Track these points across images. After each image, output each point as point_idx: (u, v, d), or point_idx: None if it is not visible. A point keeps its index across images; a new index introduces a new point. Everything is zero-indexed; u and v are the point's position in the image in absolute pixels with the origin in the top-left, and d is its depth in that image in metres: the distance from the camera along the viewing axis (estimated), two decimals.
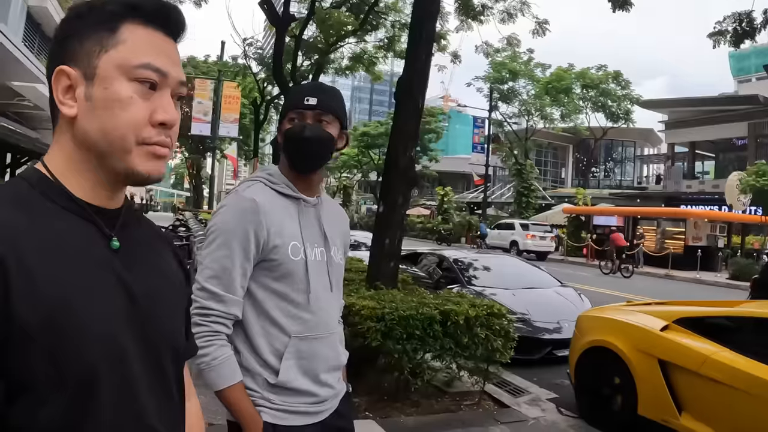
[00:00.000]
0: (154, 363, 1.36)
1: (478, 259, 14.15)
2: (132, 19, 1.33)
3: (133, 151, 1.30)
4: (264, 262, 2.49)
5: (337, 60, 29.09)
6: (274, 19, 20.38)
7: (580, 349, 7.69)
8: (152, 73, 1.31)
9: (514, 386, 8.68)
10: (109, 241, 1.34)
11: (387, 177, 8.74)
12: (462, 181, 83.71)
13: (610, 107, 59.94)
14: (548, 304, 11.76)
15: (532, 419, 7.40)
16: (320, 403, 2.59)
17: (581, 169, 75.92)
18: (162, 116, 1.31)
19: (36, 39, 30.02)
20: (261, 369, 2.49)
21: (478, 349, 7.09)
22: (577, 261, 38.89)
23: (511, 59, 55.79)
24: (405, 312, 6.73)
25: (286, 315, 2.51)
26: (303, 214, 2.62)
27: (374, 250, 8.66)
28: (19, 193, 1.28)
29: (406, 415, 7.22)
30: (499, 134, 62.48)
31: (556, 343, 10.60)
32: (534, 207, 55.78)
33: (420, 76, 8.87)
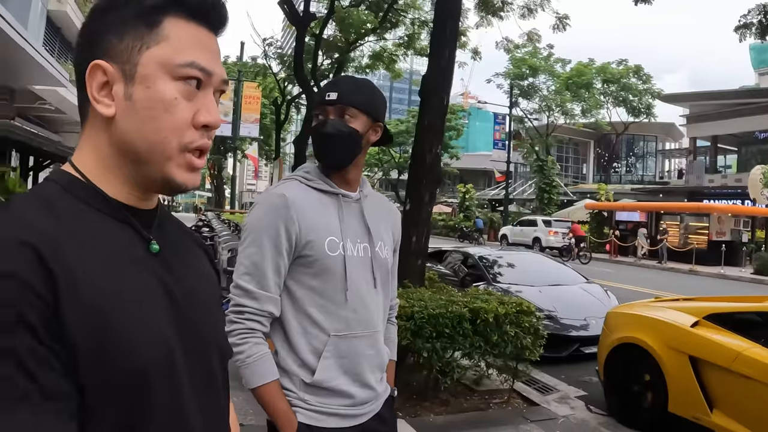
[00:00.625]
0: (201, 364, 1.33)
1: (503, 256, 14.10)
2: (174, 13, 1.25)
3: (174, 158, 1.23)
4: (300, 258, 2.47)
5: (357, 58, 29.12)
6: (294, 18, 20.45)
7: (609, 346, 7.64)
8: (198, 72, 1.24)
9: (542, 384, 8.66)
10: (147, 244, 1.29)
11: (413, 175, 8.74)
12: (483, 178, 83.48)
13: (631, 102, 59.57)
14: (574, 300, 11.71)
15: (562, 417, 7.38)
16: (359, 405, 2.54)
17: (603, 165, 75.53)
18: (206, 117, 1.25)
19: (56, 43, 30.22)
20: (298, 369, 2.47)
21: (508, 347, 7.07)
22: (600, 257, 38.67)
23: (531, 55, 55.55)
24: (434, 310, 6.71)
25: (325, 312, 2.48)
26: (343, 209, 2.58)
27: (401, 248, 8.65)
28: (51, 198, 1.20)
29: (435, 413, 7.22)
30: (520, 130, 62.23)
31: (584, 340, 10.56)
32: (556, 203, 55.64)
33: (444, 74, 8.87)
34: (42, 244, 1.06)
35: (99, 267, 1.14)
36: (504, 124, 59.43)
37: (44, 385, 0.99)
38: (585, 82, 57.84)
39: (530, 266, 13.78)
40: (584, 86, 57.98)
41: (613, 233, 39.43)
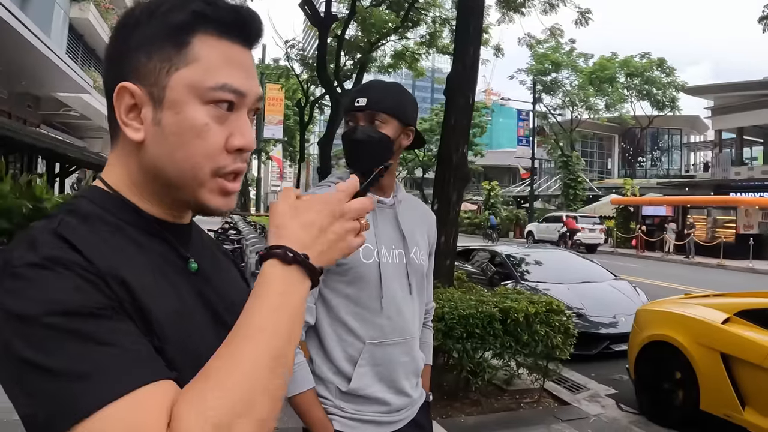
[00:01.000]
0: None
1: (530, 254, 14.07)
2: (204, 30, 1.18)
3: (207, 184, 1.19)
4: (334, 266, 2.40)
5: (380, 58, 29.11)
6: (315, 20, 20.48)
7: (639, 344, 7.61)
8: (230, 95, 1.17)
9: (572, 382, 8.63)
10: (186, 262, 1.28)
11: (440, 175, 8.72)
12: (508, 175, 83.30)
13: (655, 95, 59.11)
14: (603, 298, 11.66)
15: (593, 416, 7.35)
16: (394, 412, 2.55)
17: (628, 159, 75.13)
18: (239, 141, 1.19)
19: (79, 50, 30.45)
20: (334, 377, 2.47)
21: (538, 347, 7.06)
22: (628, 252, 38.46)
23: (554, 50, 55.32)
24: (464, 311, 6.71)
25: (360, 320, 2.48)
26: (378, 215, 2.57)
27: None
28: (87, 215, 1.16)
29: (466, 414, 7.22)
30: (544, 126, 61.99)
31: (613, 337, 10.51)
32: (581, 199, 55.38)
33: (469, 73, 8.85)
34: (87, 251, 1.05)
35: (146, 281, 1.12)
36: (528, 121, 59.11)
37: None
38: (608, 76, 57.49)
39: (558, 263, 13.74)
40: (607, 80, 57.63)
41: (640, 228, 39.19)
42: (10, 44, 17.85)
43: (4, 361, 0.98)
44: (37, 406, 0.95)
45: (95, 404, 0.91)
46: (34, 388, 0.95)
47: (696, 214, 37.49)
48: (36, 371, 0.94)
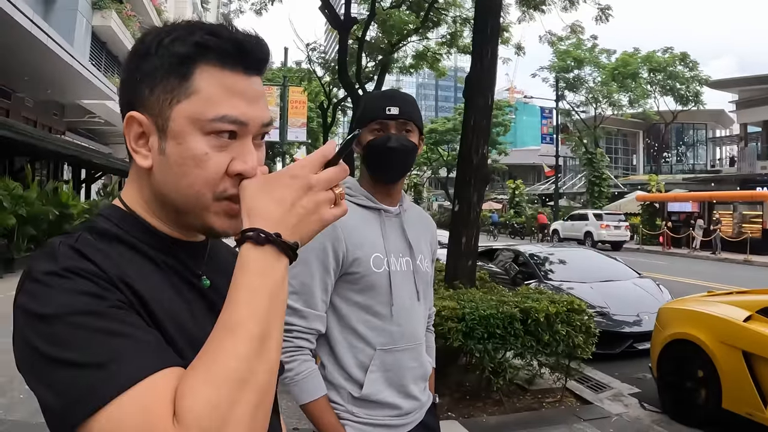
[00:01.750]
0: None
1: (554, 253, 14.08)
2: (206, 61, 1.21)
3: (211, 207, 1.23)
4: (346, 275, 2.49)
5: (401, 59, 29.10)
6: (335, 22, 20.51)
7: (662, 343, 7.59)
8: (230, 125, 1.20)
9: (595, 381, 8.62)
10: (199, 279, 1.33)
11: (461, 175, 8.73)
12: (532, 173, 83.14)
13: (678, 90, 58.54)
14: (627, 296, 11.62)
15: (615, 415, 7.34)
16: (404, 415, 2.58)
17: (653, 155, 74.60)
18: (240, 167, 1.21)
19: (102, 57, 30.70)
20: (345, 382, 2.50)
21: (560, 346, 7.05)
22: (653, 249, 38.23)
23: (575, 47, 55.08)
24: (485, 311, 6.72)
25: (371, 328, 2.51)
26: (385, 224, 2.62)
27: (451, 249, 8.66)
28: (105, 233, 1.23)
29: (488, 414, 7.23)
30: (568, 124, 61.76)
31: (637, 336, 10.48)
32: (606, 196, 55.14)
33: (488, 73, 8.84)
34: (113, 272, 1.11)
35: (158, 297, 1.18)
36: (551, 118, 58.94)
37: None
38: (631, 71, 57.11)
39: (581, 262, 13.69)
40: (630, 76, 57.25)
41: (666, 225, 38.96)
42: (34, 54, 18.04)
43: (25, 356, 1.06)
44: (58, 397, 1.00)
45: (112, 392, 0.97)
46: (53, 380, 1.01)
47: (722, 210, 37.17)
48: (54, 364, 1.01)
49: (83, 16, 26.09)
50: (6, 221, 15.58)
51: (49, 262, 1.09)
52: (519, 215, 58.35)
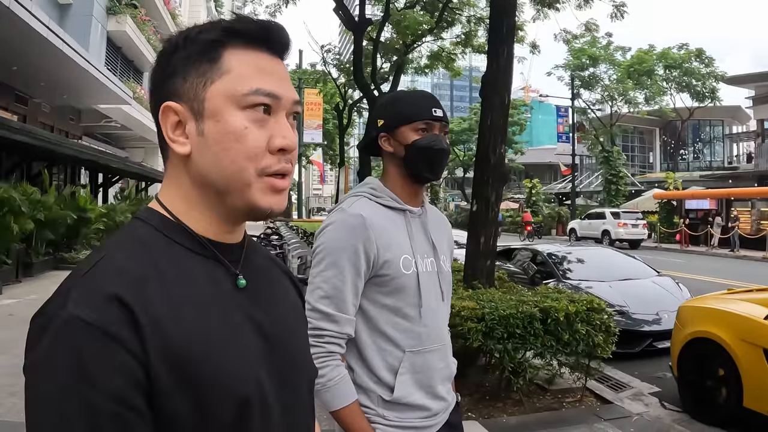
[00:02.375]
0: (292, 392, 1.35)
1: (572, 252, 14.04)
2: (233, 44, 1.26)
3: (253, 184, 1.24)
4: (375, 277, 2.47)
5: (416, 59, 29.11)
6: (350, 24, 20.53)
7: (681, 341, 7.53)
8: (264, 98, 1.24)
9: (615, 381, 8.57)
10: (235, 279, 1.32)
11: (478, 175, 8.70)
12: (549, 172, 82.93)
13: (694, 86, 58.37)
14: (646, 294, 11.56)
15: (636, 415, 7.29)
16: (433, 416, 2.57)
17: (669, 153, 74.30)
18: (281, 142, 1.24)
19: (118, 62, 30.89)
20: (375, 386, 2.48)
21: (579, 345, 7.01)
22: (671, 248, 38.06)
23: (590, 45, 54.98)
24: (505, 311, 6.70)
25: (399, 330, 2.49)
26: (410, 225, 2.60)
27: (470, 249, 8.64)
28: (142, 238, 1.25)
29: (508, 414, 7.21)
30: (584, 122, 61.62)
31: (656, 335, 10.41)
32: (624, 194, 54.98)
33: (503, 72, 8.82)
34: (130, 295, 1.10)
35: (187, 308, 1.18)
36: (567, 117, 58.77)
37: None
38: (646, 69, 56.96)
39: (600, 261, 13.64)
40: (646, 73, 57.10)
41: (683, 222, 38.79)
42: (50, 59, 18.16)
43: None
44: None
45: None
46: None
47: (740, 207, 36.93)
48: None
49: (98, 21, 26.22)
50: (24, 226, 15.66)
51: (63, 306, 1.08)
52: (536, 214, 58.21)
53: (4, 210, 15.09)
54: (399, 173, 2.63)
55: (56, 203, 18.53)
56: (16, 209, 15.36)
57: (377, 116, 2.68)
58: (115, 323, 1.06)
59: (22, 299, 13.34)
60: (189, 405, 1.11)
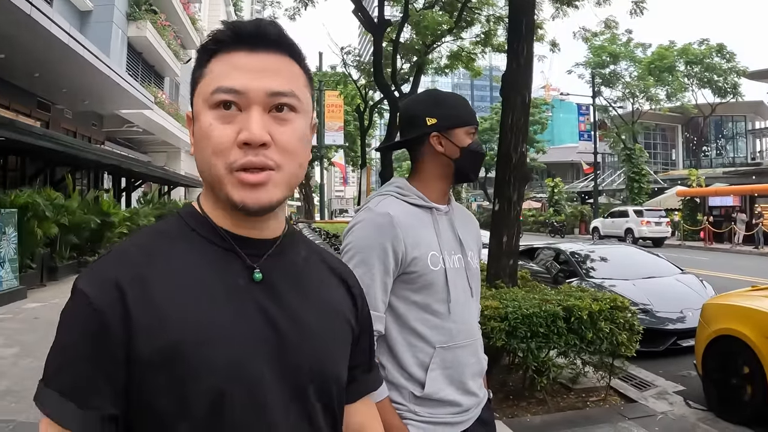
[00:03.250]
0: (300, 397, 1.35)
1: (595, 251, 13.94)
2: (221, 49, 1.33)
3: (224, 179, 1.29)
4: (404, 275, 2.49)
5: (436, 60, 29.04)
6: (369, 25, 20.53)
7: (706, 339, 7.48)
8: (225, 95, 1.28)
9: (639, 380, 8.54)
10: (251, 272, 1.35)
11: (500, 175, 8.67)
12: (571, 171, 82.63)
13: (716, 82, 57.85)
14: (670, 292, 11.48)
15: (660, 414, 7.26)
16: (465, 412, 2.58)
17: (692, 149, 73.88)
18: (242, 135, 1.26)
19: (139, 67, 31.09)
20: (406, 382, 2.50)
21: (603, 344, 6.98)
22: (695, 245, 37.85)
23: (610, 42, 54.75)
24: (528, 310, 6.68)
25: (429, 326, 2.51)
26: (437, 222, 2.62)
27: (492, 249, 8.61)
28: (169, 228, 1.38)
29: (532, 413, 7.20)
30: (605, 120, 61.31)
31: (681, 333, 10.34)
32: (646, 192, 54.67)
33: (524, 71, 8.79)
34: (125, 279, 1.24)
35: (187, 298, 1.26)
36: (588, 115, 58.50)
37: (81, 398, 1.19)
38: (667, 65, 56.56)
39: (623, 259, 13.56)
40: (667, 70, 56.69)
41: (707, 220, 38.54)
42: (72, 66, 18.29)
43: None
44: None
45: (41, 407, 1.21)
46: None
47: (764, 203, 36.62)
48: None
49: (118, 27, 26.40)
50: (49, 230, 15.81)
51: (80, 277, 1.29)
52: (558, 213, 58.01)
53: (29, 215, 15.24)
54: (440, 173, 2.67)
55: (80, 208, 18.66)
56: (41, 214, 15.53)
57: (425, 114, 2.66)
58: (104, 300, 1.21)
59: (47, 303, 13.45)
60: (170, 382, 1.20)
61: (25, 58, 17.28)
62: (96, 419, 1.18)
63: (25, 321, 11.52)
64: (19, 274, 14.25)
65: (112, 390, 1.19)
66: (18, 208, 14.72)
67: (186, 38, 37.95)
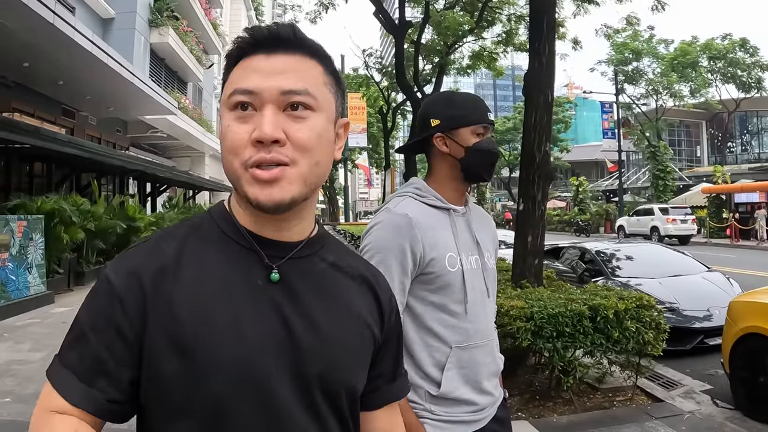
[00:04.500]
0: (307, 398, 1.36)
1: (621, 249, 13.88)
2: (242, 57, 1.38)
3: (241, 176, 1.32)
4: (422, 275, 2.50)
5: (458, 60, 29.01)
6: (390, 27, 20.54)
7: (733, 337, 7.41)
8: (239, 96, 1.33)
9: (666, 379, 8.49)
10: (269, 272, 1.38)
11: (524, 174, 8.64)
12: (595, 169, 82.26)
13: (740, 77, 57.22)
14: (696, 291, 11.39)
15: (687, 413, 7.20)
16: (480, 411, 2.59)
17: (717, 146, 73.23)
18: (255, 133, 1.30)
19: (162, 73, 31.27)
20: (422, 382, 2.51)
21: (629, 343, 6.94)
22: (722, 243, 37.56)
23: (632, 38, 54.41)
24: (553, 310, 6.66)
25: (446, 326, 2.52)
26: (455, 224, 2.64)
27: (517, 248, 8.59)
28: (196, 225, 1.45)
29: (558, 414, 7.17)
30: (629, 117, 60.98)
31: (708, 331, 10.23)
32: (671, 189, 54.27)
33: (546, 69, 8.75)
34: (150, 274, 1.32)
35: (203, 292, 1.33)
36: (612, 112, 58.17)
37: (90, 370, 1.29)
38: (690, 61, 56.03)
39: (649, 258, 13.50)
40: (690, 65, 56.21)
41: (733, 217, 38.24)
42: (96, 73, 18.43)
43: None
44: None
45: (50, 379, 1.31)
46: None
47: None
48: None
49: (141, 34, 26.57)
50: (76, 235, 15.94)
51: (110, 265, 1.38)
52: (583, 212, 57.76)
53: (56, 221, 15.37)
54: (450, 173, 2.70)
55: (106, 213, 18.81)
56: (67, 220, 15.67)
57: (431, 116, 2.70)
58: (125, 286, 1.30)
59: (74, 307, 13.47)
60: (178, 375, 1.26)
61: (49, 67, 17.43)
62: (98, 400, 1.27)
63: (52, 325, 11.61)
64: (46, 279, 14.40)
65: (120, 376, 1.28)
66: (45, 214, 14.84)
67: (208, 43, 38.11)
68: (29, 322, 11.91)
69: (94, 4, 24.14)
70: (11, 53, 15.93)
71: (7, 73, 17.71)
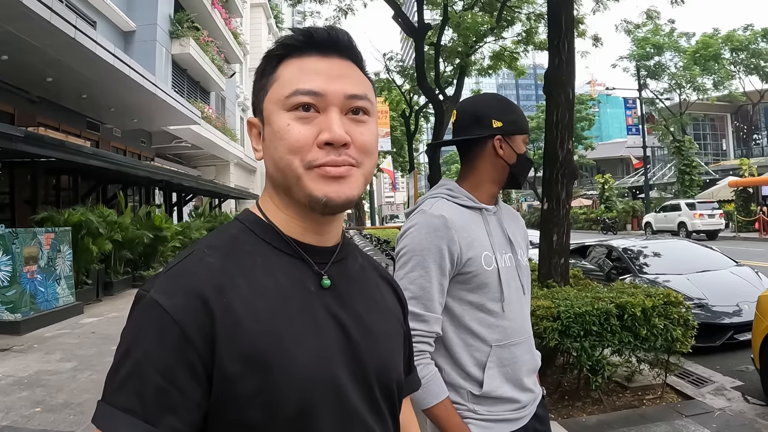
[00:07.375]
0: (370, 398, 1.38)
1: (648, 246, 13.77)
2: (290, 55, 1.38)
3: (303, 175, 1.30)
4: (459, 275, 2.53)
5: (479, 61, 28.94)
6: (410, 30, 20.53)
7: (763, 332, 7.35)
8: (303, 97, 1.31)
9: (696, 376, 8.44)
10: (320, 278, 1.38)
11: (547, 173, 8.61)
12: (620, 166, 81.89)
13: (763, 68, 56.61)
14: (725, 286, 11.27)
15: (718, 410, 7.15)
16: (522, 408, 2.61)
17: (742, 138, 72.69)
18: (325, 136, 1.29)
19: (184, 83, 31.46)
20: (464, 382, 2.53)
21: (658, 341, 6.90)
22: (750, 237, 37.22)
23: (653, 33, 54.13)
24: (580, 309, 6.63)
25: (484, 325, 2.54)
26: (488, 223, 2.66)
27: (543, 248, 8.55)
28: (235, 236, 1.38)
29: (587, 413, 7.14)
30: (653, 113, 60.61)
31: (737, 327, 10.13)
32: (698, 184, 53.89)
33: (566, 67, 8.71)
34: (208, 294, 1.22)
35: (264, 304, 1.28)
36: (635, 108, 57.83)
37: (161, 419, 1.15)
38: (712, 53, 55.48)
39: (676, 254, 13.38)
40: (712, 58, 55.67)
41: (761, 210, 37.89)
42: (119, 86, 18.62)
43: None
44: None
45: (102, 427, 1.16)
46: None
47: None
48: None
49: (162, 45, 26.75)
50: (103, 246, 16.09)
51: (153, 287, 1.24)
52: (610, 210, 57.48)
53: (83, 232, 15.53)
54: (494, 176, 2.74)
55: (132, 223, 18.96)
56: (94, 231, 15.82)
57: (491, 116, 2.71)
58: (184, 311, 1.19)
59: (103, 317, 13.68)
60: (255, 402, 1.20)
61: (72, 81, 17.62)
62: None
63: (82, 336, 11.72)
64: (75, 290, 14.49)
65: (188, 408, 1.17)
66: (72, 226, 14.98)
67: (229, 53, 38.30)
68: (59, 333, 12.01)
69: (114, 17, 24.35)
70: (35, 69, 16.13)
71: (31, 89, 17.92)
